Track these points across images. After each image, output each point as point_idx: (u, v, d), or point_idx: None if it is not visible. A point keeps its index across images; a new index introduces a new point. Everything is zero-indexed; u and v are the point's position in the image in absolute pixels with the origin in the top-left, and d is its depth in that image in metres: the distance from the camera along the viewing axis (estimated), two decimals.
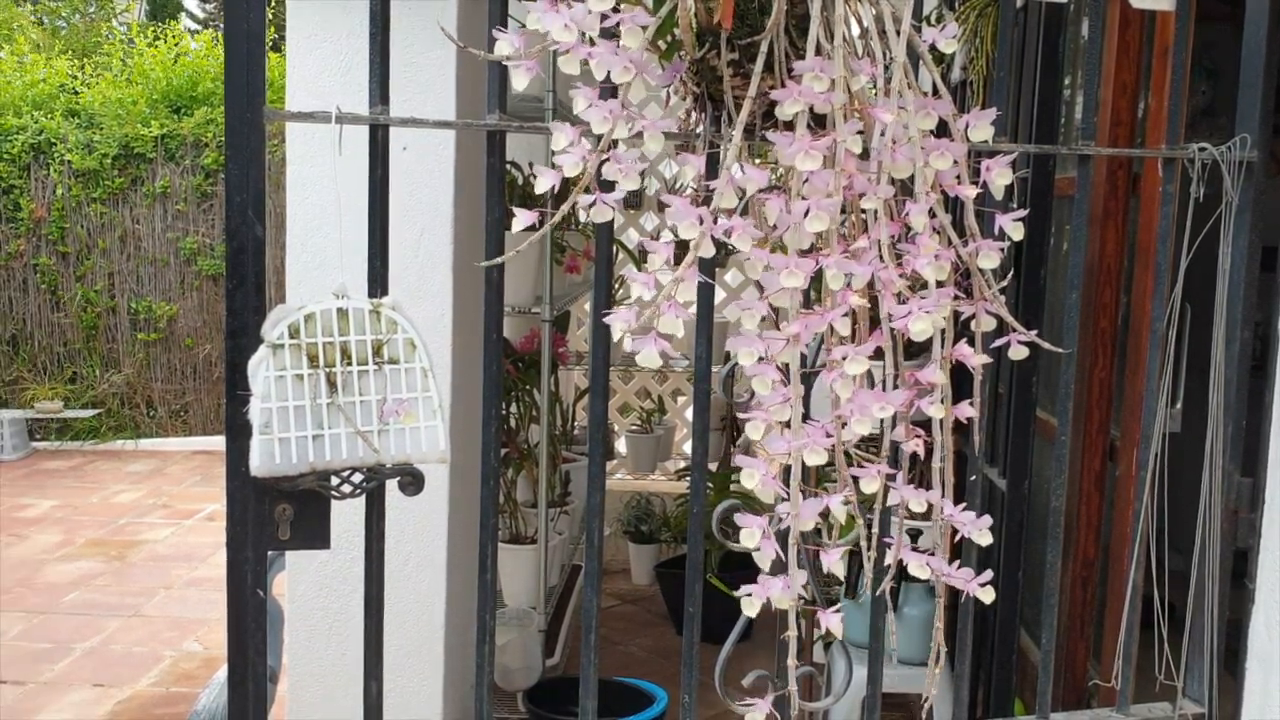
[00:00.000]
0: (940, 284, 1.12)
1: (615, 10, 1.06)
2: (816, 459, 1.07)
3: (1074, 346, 1.50)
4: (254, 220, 1.21)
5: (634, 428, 5.58)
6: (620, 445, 5.66)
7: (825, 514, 1.14)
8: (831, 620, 1.15)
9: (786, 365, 1.07)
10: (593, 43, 1.08)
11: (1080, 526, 2.58)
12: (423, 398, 1.25)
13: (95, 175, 7.76)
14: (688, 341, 1.23)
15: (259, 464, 1.18)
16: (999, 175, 1.17)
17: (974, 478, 1.45)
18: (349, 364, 1.21)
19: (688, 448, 5.74)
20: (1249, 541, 1.67)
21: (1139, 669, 1.66)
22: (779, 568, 1.11)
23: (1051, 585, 1.57)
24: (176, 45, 8.49)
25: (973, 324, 1.20)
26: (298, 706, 2.41)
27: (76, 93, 8.25)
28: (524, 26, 1.09)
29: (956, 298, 1.15)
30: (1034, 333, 1.20)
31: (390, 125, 1.28)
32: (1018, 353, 1.21)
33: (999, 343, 1.22)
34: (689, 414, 5.82)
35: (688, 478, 1.50)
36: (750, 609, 1.11)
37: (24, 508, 6.09)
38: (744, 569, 1.12)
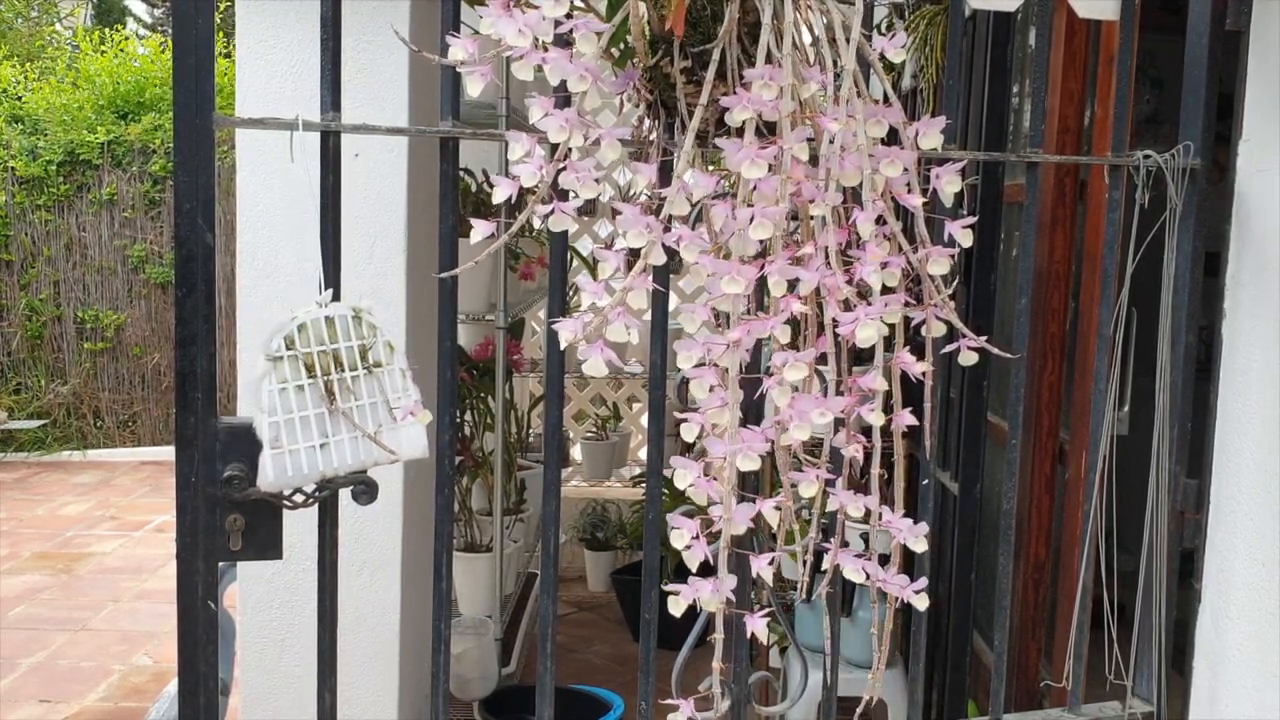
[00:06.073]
0: (890, 290, 1.13)
1: (569, 16, 1.06)
2: (750, 465, 1.07)
3: (1024, 351, 1.52)
4: (203, 228, 1.19)
5: (589, 434, 5.58)
6: (575, 452, 5.65)
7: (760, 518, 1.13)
8: (757, 625, 1.16)
9: (726, 369, 1.07)
10: (546, 49, 1.07)
11: (1031, 529, 2.61)
12: (404, 398, 1.26)
13: (40, 182, 7.62)
14: (643, 348, 1.23)
15: (274, 479, 1.18)
16: (949, 182, 1.18)
17: (925, 482, 1.47)
18: (341, 370, 1.22)
19: (643, 454, 5.74)
20: (1195, 542, 1.70)
21: (1090, 669, 1.68)
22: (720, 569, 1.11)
23: (1005, 587, 1.59)
24: (122, 50, 8.37)
25: (923, 330, 1.21)
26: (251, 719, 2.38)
27: (20, 98, 8.10)
28: (477, 33, 1.09)
29: (907, 304, 1.15)
30: (984, 338, 1.21)
31: (342, 132, 1.27)
32: (968, 358, 1.22)
33: (950, 348, 1.23)
34: (644, 420, 5.83)
35: (643, 484, 1.50)
36: (676, 608, 1.11)
37: None
38: (700, 574, 1.13)
